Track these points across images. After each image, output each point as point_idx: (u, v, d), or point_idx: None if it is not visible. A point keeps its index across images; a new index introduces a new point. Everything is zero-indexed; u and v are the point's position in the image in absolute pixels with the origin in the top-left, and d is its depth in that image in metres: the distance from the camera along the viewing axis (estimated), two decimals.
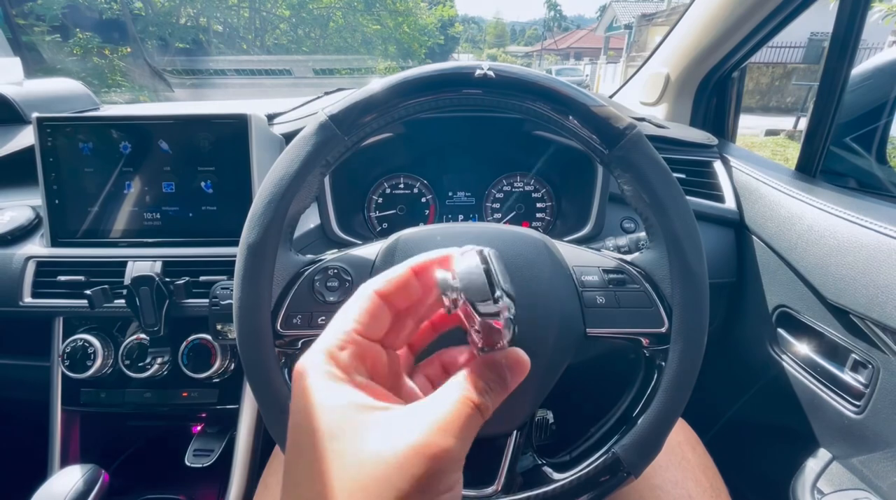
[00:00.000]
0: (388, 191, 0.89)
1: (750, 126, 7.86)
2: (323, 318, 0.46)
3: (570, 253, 0.50)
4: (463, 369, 0.24)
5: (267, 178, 0.43)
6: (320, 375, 0.22)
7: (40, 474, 0.68)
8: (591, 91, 0.50)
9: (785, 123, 7.89)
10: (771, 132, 7.46)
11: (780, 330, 0.71)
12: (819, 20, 0.70)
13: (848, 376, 0.60)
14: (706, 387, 0.67)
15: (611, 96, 1.21)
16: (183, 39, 9.29)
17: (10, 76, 0.97)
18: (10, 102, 0.88)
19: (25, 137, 0.82)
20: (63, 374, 0.70)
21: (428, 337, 0.31)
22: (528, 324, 0.44)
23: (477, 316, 0.24)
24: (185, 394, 0.72)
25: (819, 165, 0.76)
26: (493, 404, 0.24)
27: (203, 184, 0.71)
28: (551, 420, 0.60)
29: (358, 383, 0.23)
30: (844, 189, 0.71)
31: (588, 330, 0.47)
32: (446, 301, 0.25)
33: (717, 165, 0.84)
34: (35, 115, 0.69)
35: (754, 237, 0.75)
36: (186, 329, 0.70)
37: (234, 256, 0.43)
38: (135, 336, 0.70)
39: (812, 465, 0.63)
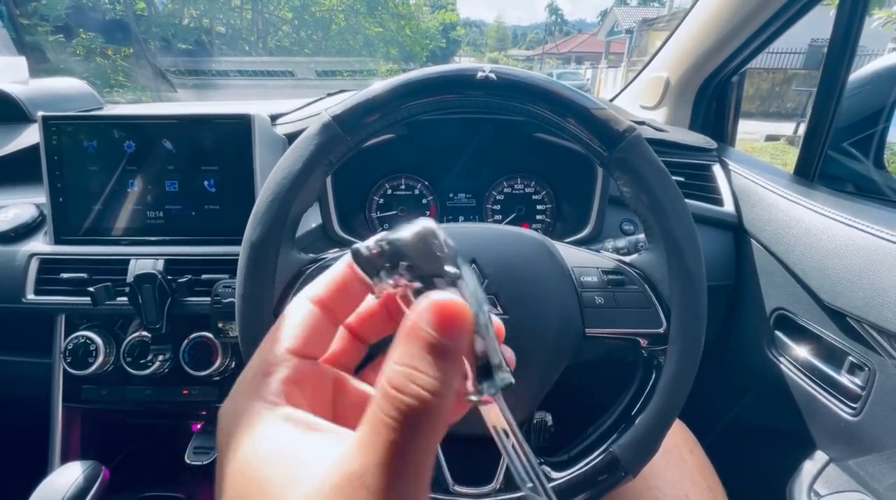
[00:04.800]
0: (389, 192, 0.90)
1: (750, 131, 7.87)
2: None
3: (570, 254, 0.50)
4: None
5: (270, 177, 0.44)
6: (244, 402, 0.19)
7: (41, 470, 0.69)
8: (591, 95, 0.51)
9: (785, 128, 7.91)
10: (771, 137, 7.48)
11: (777, 333, 0.72)
12: (820, 26, 0.71)
13: (845, 379, 0.60)
14: (704, 389, 0.67)
15: (611, 100, 1.21)
16: (186, 40, 9.33)
17: (15, 75, 0.98)
18: (16, 101, 0.88)
19: (30, 136, 0.83)
20: (65, 371, 0.71)
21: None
22: (527, 323, 0.45)
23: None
24: (185, 392, 0.73)
25: (817, 170, 0.77)
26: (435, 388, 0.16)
27: (206, 183, 0.72)
28: (550, 423, 0.60)
29: (287, 415, 0.18)
30: (842, 193, 0.72)
31: (587, 330, 0.47)
32: (373, 282, 0.19)
33: (716, 169, 0.84)
34: (40, 113, 0.70)
35: (752, 240, 0.75)
36: (188, 327, 0.70)
37: (237, 254, 0.44)
38: (136, 334, 0.70)
39: (809, 467, 0.64)
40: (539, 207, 0.90)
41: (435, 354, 0.16)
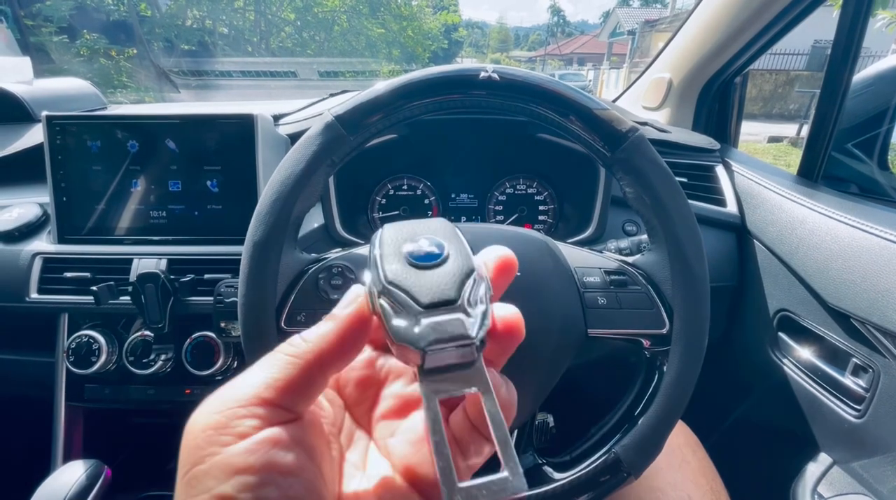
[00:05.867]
0: (391, 192, 0.90)
1: (753, 133, 7.86)
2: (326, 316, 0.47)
3: (572, 254, 0.50)
4: None
5: (273, 176, 0.44)
6: None
7: (44, 468, 0.69)
8: (594, 95, 0.51)
9: (788, 129, 7.89)
10: (774, 139, 7.46)
11: (781, 334, 0.71)
12: (823, 28, 0.71)
13: (849, 380, 0.60)
14: (707, 390, 0.67)
15: (613, 101, 1.21)
16: (189, 41, 9.37)
17: (20, 75, 0.98)
18: (21, 101, 0.89)
19: (35, 135, 0.83)
20: (67, 370, 0.71)
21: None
22: (530, 324, 0.45)
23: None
24: (187, 391, 0.73)
25: (821, 171, 0.77)
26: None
27: (209, 183, 0.72)
28: (552, 424, 0.60)
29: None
30: (846, 194, 0.71)
31: (589, 330, 0.47)
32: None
33: (720, 170, 0.84)
34: (44, 113, 0.70)
35: (756, 241, 0.75)
36: (190, 327, 0.70)
37: (239, 254, 0.44)
38: (139, 333, 0.71)
39: (812, 469, 0.63)
40: (541, 207, 0.90)
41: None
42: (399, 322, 0.19)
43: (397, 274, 0.20)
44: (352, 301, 0.21)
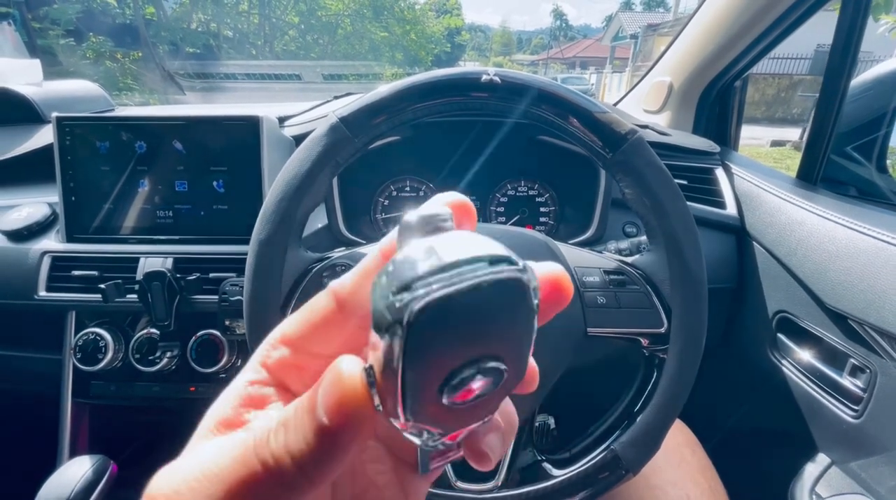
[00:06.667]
0: (394, 193, 0.91)
1: (755, 136, 7.85)
2: None
3: (572, 254, 0.51)
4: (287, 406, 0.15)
5: (279, 177, 0.45)
6: None
7: (50, 463, 0.70)
8: (594, 98, 0.52)
9: (791, 133, 7.88)
10: (776, 143, 7.45)
11: (779, 335, 0.72)
12: (826, 32, 0.72)
13: (847, 381, 0.61)
14: (706, 391, 0.67)
15: (615, 104, 1.22)
16: (194, 44, 9.46)
17: (30, 77, 1.00)
18: (31, 103, 0.90)
19: (44, 136, 0.85)
20: (74, 367, 0.72)
21: None
22: None
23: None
24: (192, 388, 0.74)
25: (820, 173, 0.77)
26: (300, 464, 0.13)
27: (215, 183, 0.73)
28: (553, 426, 0.61)
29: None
30: (845, 197, 0.72)
31: (588, 329, 0.48)
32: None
33: (719, 172, 0.85)
34: (54, 115, 0.71)
35: (755, 243, 0.76)
36: (196, 325, 0.71)
37: (244, 254, 0.45)
38: (145, 331, 0.72)
39: (811, 469, 0.64)
40: (542, 209, 0.91)
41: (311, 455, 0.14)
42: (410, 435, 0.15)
43: (418, 416, 0.14)
44: (338, 394, 0.13)
